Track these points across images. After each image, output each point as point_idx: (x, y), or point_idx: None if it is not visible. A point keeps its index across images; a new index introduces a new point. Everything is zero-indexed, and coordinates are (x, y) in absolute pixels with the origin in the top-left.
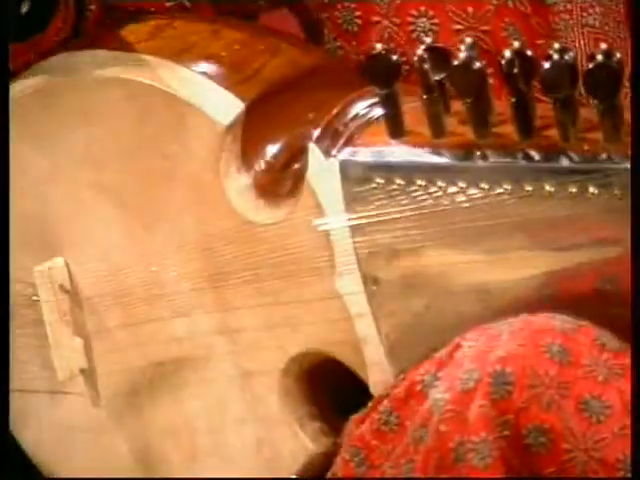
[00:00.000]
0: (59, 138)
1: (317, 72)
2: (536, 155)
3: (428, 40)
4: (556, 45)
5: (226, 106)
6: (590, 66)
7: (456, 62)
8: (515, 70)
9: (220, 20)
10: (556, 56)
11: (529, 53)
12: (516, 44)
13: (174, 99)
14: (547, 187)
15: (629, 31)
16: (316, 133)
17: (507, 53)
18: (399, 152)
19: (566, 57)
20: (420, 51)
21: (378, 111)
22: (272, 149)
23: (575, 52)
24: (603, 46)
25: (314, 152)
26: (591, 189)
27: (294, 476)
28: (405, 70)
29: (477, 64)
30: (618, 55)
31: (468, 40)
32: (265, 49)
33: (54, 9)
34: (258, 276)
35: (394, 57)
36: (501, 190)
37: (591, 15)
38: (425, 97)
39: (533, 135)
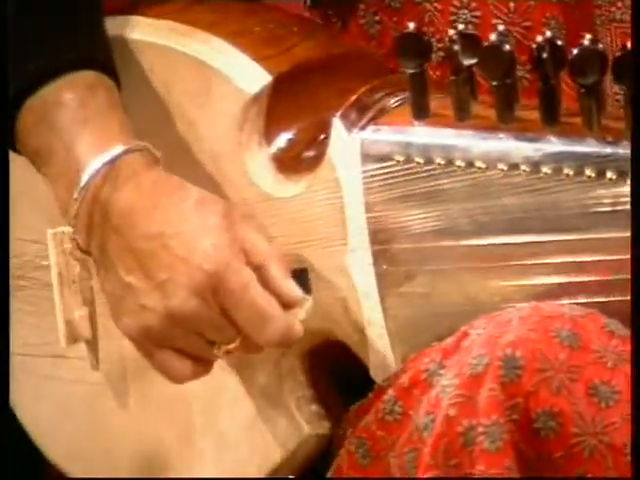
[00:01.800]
0: None
1: (347, 60)
2: (557, 140)
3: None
4: (588, 36)
5: (253, 77)
6: (618, 54)
7: (486, 44)
8: (545, 55)
9: (256, 2)
10: (586, 43)
11: (560, 42)
12: (548, 33)
13: (202, 65)
14: (566, 170)
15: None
16: (340, 110)
17: (538, 38)
18: (421, 132)
19: (597, 46)
20: (451, 32)
21: (398, 99)
22: (295, 128)
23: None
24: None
25: (337, 127)
26: (609, 174)
27: (292, 476)
28: (440, 56)
29: (507, 47)
30: None
31: (501, 28)
32: (298, 31)
33: None
34: None
35: (425, 37)
36: (519, 172)
37: (619, 9)
38: (452, 78)
39: (557, 123)
